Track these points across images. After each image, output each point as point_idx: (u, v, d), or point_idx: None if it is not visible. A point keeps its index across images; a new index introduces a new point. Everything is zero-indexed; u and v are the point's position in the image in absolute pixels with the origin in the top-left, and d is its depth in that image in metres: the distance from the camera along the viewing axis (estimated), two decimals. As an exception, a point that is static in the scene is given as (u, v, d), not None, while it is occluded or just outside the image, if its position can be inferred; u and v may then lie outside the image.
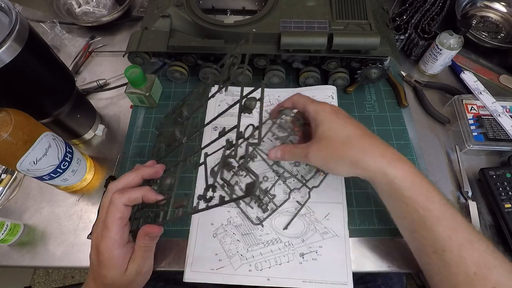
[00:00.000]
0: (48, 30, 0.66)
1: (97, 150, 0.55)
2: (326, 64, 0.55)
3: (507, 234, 0.44)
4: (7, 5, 0.38)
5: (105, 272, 0.35)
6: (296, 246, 0.45)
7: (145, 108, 0.57)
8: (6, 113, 0.37)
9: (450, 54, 0.55)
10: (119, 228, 0.35)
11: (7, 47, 0.36)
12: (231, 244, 0.45)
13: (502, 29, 0.66)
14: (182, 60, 0.56)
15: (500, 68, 0.62)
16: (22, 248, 0.47)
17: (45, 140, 0.41)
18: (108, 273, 0.35)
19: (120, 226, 0.35)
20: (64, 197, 0.50)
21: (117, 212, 0.35)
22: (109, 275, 0.35)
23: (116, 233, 0.35)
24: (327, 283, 0.42)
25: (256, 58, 0.54)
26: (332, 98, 0.56)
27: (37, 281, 1.22)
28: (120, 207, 0.35)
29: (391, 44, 0.52)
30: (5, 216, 0.47)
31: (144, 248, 0.37)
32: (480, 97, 0.54)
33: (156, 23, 0.52)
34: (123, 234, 0.36)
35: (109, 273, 0.35)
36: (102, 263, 0.35)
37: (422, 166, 0.51)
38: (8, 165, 0.47)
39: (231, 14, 0.61)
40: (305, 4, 0.52)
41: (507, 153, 0.52)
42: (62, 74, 0.47)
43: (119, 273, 0.35)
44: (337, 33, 0.48)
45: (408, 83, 0.60)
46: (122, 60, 0.59)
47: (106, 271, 0.35)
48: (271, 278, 0.43)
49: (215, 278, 0.43)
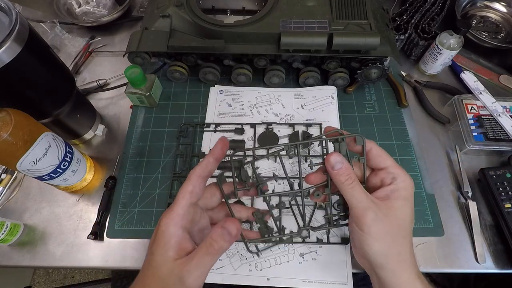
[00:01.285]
0: (48, 30, 0.66)
1: (97, 150, 0.55)
2: (326, 64, 0.55)
3: (507, 234, 0.44)
4: (7, 5, 0.38)
5: (154, 248, 0.30)
6: (296, 246, 0.45)
7: (145, 108, 0.57)
8: (6, 113, 0.37)
9: (450, 54, 0.55)
10: (186, 202, 0.31)
11: (7, 47, 0.36)
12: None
13: (502, 29, 0.66)
14: (182, 60, 0.56)
15: (500, 68, 0.62)
16: (22, 248, 0.47)
17: (45, 140, 0.41)
18: (155, 250, 0.30)
19: (188, 201, 0.31)
20: (64, 197, 0.50)
21: (189, 185, 0.32)
22: (156, 253, 0.30)
23: (181, 208, 0.31)
24: (327, 283, 0.42)
25: (256, 58, 0.54)
26: (332, 98, 0.56)
27: (37, 281, 1.22)
28: (193, 179, 0.32)
29: (391, 44, 0.52)
30: (5, 216, 0.47)
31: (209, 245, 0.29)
32: (480, 97, 0.54)
33: (156, 23, 0.52)
34: (190, 212, 0.31)
35: (156, 250, 0.30)
36: (155, 238, 0.30)
37: (422, 166, 0.51)
38: (8, 165, 0.47)
39: (231, 14, 0.61)
40: (305, 4, 0.52)
41: (507, 153, 0.52)
42: (62, 74, 0.47)
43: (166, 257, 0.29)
44: (337, 33, 0.48)
45: (408, 83, 0.60)
46: (122, 60, 0.59)
47: (155, 248, 0.30)
48: (271, 278, 0.43)
49: (215, 278, 0.43)
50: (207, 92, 0.59)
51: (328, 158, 0.33)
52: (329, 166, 0.33)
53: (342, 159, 0.33)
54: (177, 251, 0.30)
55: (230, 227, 0.30)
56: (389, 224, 0.32)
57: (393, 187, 0.33)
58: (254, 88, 0.59)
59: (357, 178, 0.33)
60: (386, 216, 0.32)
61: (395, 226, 0.32)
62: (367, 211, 0.32)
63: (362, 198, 0.32)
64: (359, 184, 0.33)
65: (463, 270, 0.45)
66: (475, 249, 0.45)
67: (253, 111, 0.56)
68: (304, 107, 0.56)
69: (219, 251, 0.30)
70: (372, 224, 0.31)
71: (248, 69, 0.56)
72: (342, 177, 0.32)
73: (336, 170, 0.33)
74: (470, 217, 0.46)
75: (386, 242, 0.32)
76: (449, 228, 0.46)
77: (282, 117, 0.55)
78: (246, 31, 0.50)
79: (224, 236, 0.30)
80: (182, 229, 0.31)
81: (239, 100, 0.57)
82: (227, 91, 0.58)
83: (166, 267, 0.29)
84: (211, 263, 0.30)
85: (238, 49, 0.51)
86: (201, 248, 0.30)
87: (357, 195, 0.32)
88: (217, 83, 0.59)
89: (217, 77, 0.58)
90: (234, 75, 0.57)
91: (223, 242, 0.30)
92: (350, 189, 0.32)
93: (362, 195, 0.32)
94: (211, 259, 0.30)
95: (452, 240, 0.46)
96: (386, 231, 0.32)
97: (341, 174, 0.33)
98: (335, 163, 0.33)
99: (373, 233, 0.32)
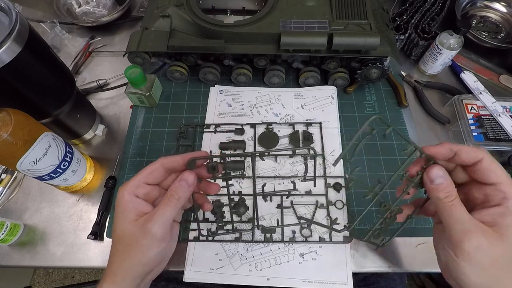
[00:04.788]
0: (48, 30, 0.66)
1: (97, 150, 0.55)
2: (326, 64, 0.55)
3: (507, 234, 0.44)
4: (7, 5, 0.38)
5: (115, 217, 0.33)
6: (296, 246, 0.45)
7: (145, 108, 0.57)
8: (6, 113, 0.37)
9: (450, 54, 0.55)
10: (141, 178, 0.33)
11: (7, 47, 0.36)
12: (231, 243, 0.45)
13: (502, 29, 0.66)
14: (182, 60, 0.56)
15: (500, 68, 0.62)
16: (22, 248, 0.47)
17: (45, 140, 0.41)
18: (116, 217, 0.33)
19: (143, 178, 0.33)
20: (64, 197, 0.50)
21: (150, 168, 0.34)
22: (117, 219, 0.33)
23: (135, 181, 0.33)
24: (327, 283, 0.42)
25: (256, 58, 0.54)
26: (332, 98, 0.56)
27: (37, 281, 1.22)
28: (155, 164, 0.34)
29: (391, 44, 0.52)
30: (5, 216, 0.47)
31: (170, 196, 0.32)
32: (480, 97, 0.54)
33: (156, 23, 0.52)
34: (144, 187, 0.34)
35: (117, 217, 0.33)
36: (116, 209, 0.33)
37: (422, 166, 0.51)
38: (8, 165, 0.47)
39: (231, 14, 0.61)
40: (305, 4, 0.52)
41: (507, 153, 0.51)
42: (62, 74, 0.47)
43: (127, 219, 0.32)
44: (337, 33, 0.48)
45: (408, 83, 0.60)
46: (122, 60, 0.59)
47: (116, 216, 0.33)
48: (271, 278, 0.43)
49: (215, 278, 0.43)
50: (207, 92, 0.58)
51: (429, 170, 0.30)
52: (428, 180, 0.30)
53: (444, 173, 0.30)
54: (136, 213, 0.33)
55: (187, 177, 0.33)
56: (496, 254, 0.27)
57: (502, 210, 0.28)
58: (254, 88, 0.59)
59: (458, 196, 0.29)
60: (491, 245, 0.27)
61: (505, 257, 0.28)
62: (469, 236, 0.27)
63: (464, 220, 0.28)
64: (461, 204, 0.29)
65: (463, 270, 0.44)
66: (475, 249, 0.45)
67: (253, 111, 0.56)
68: (304, 107, 0.56)
69: (179, 201, 0.33)
70: (473, 252, 0.27)
71: (248, 69, 0.56)
72: (442, 193, 0.29)
73: (435, 185, 0.30)
74: (470, 217, 0.46)
75: (490, 275, 0.28)
76: (449, 228, 0.46)
77: (282, 117, 0.55)
78: (246, 31, 0.50)
79: (183, 186, 0.33)
80: (136, 197, 0.33)
81: (239, 100, 0.57)
82: (227, 91, 0.58)
83: (130, 226, 0.32)
84: (172, 213, 0.33)
85: (238, 49, 0.51)
86: (162, 202, 0.33)
87: (456, 215, 0.28)
88: (217, 83, 0.59)
89: (217, 77, 0.58)
90: (234, 75, 0.57)
91: (182, 191, 0.33)
92: (449, 207, 0.29)
93: (464, 217, 0.28)
94: (172, 209, 0.33)
95: (452, 240, 0.46)
96: (491, 262, 0.27)
97: (441, 190, 0.29)
98: (436, 178, 0.30)
99: (474, 262, 0.28)
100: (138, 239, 0.32)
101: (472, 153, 0.30)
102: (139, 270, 0.33)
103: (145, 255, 0.32)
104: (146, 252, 0.32)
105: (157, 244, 0.33)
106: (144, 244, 0.32)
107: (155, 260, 0.34)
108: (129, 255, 0.33)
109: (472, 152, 0.30)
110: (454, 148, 0.30)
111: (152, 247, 0.32)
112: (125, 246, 0.33)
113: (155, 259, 0.33)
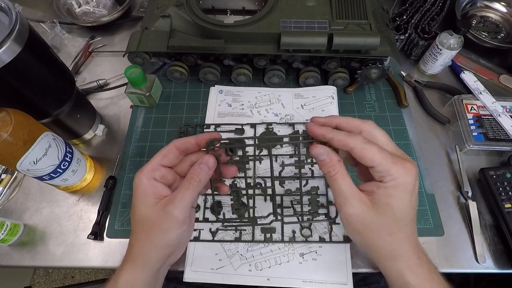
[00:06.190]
0: (48, 30, 0.66)
1: (97, 150, 0.55)
2: (326, 64, 0.55)
3: (507, 234, 0.44)
4: (7, 5, 0.38)
5: (134, 202, 0.33)
6: (296, 246, 0.45)
7: (145, 108, 0.57)
8: (6, 113, 0.37)
9: (450, 54, 0.55)
10: (157, 161, 0.34)
11: (7, 47, 0.36)
12: (231, 243, 0.45)
13: (502, 29, 0.66)
14: (182, 60, 0.56)
15: (500, 68, 0.62)
16: (22, 248, 0.47)
17: (45, 140, 0.41)
18: (136, 202, 0.33)
19: (159, 161, 0.34)
20: (64, 197, 0.50)
21: (164, 150, 0.34)
22: (137, 204, 0.33)
23: (151, 165, 0.33)
24: (327, 283, 0.42)
25: (256, 58, 0.54)
26: (332, 98, 0.56)
27: (37, 281, 1.22)
28: (169, 146, 0.34)
29: (391, 44, 0.52)
30: (5, 216, 0.47)
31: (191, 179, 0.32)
32: (480, 97, 0.54)
33: (156, 23, 0.52)
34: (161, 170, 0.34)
35: (136, 202, 0.33)
36: (134, 194, 0.33)
37: (422, 166, 0.51)
38: (8, 165, 0.47)
39: (231, 14, 0.61)
40: (305, 4, 0.52)
41: (507, 153, 0.52)
42: (62, 74, 0.47)
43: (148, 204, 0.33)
44: (337, 33, 0.48)
45: (408, 83, 0.60)
46: (122, 60, 0.59)
47: (135, 201, 0.33)
48: (271, 278, 0.43)
49: (215, 278, 0.43)
50: (207, 92, 0.58)
51: (310, 149, 0.33)
52: (313, 157, 0.33)
53: (325, 150, 0.32)
54: (156, 197, 0.33)
55: (207, 160, 0.33)
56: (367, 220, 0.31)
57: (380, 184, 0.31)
58: (254, 88, 0.59)
59: (343, 169, 0.32)
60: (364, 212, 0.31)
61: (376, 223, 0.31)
62: (345, 205, 0.31)
63: (342, 191, 0.31)
64: (344, 176, 0.32)
65: (463, 270, 0.45)
66: (475, 249, 0.45)
67: (253, 111, 0.56)
68: (304, 107, 0.56)
69: (200, 183, 0.33)
70: (348, 218, 0.32)
71: (248, 69, 0.56)
72: (324, 168, 0.32)
73: (320, 161, 0.33)
74: (470, 217, 0.46)
75: (363, 237, 0.33)
76: (449, 228, 0.46)
77: (282, 117, 0.55)
78: (246, 31, 0.50)
79: (203, 169, 0.33)
80: (154, 180, 0.33)
81: (239, 100, 0.57)
82: (227, 91, 0.58)
83: (150, 210, 0.32)
84: (192, 196, 0.33)
85: (238, 49, 0.51)
86: (183, 185, 0.33)
87: (337, 186, 0.32)
88: (217, 83, 0.59)
89: (217, 77, 0.58)
90: (234, 75, 0.57)
91: (203, 174, 0.33)
92: (333, 180, 0.32)
93: (343, 188, 0.31)
94: (192, 192, 0.32)
95: (452, 240, 0.46)
96: (364, 227, 0.32)
97: (324, 165, 0.32)
98: (317, 155, 0.32)
99: (350, 226, 0.33)
100: (159, 222, 0.32)
101: (343, 141, 0.31)
102: (160, 253, 0.34)
103: (166, 237, 0.33)
104: (167, 234, 0.33)
105: (178, 226, 0.33)
106: (165, 227, 0.32)
107: (175, 243, 0.34)
108: (149, 238, 0.33)
109: (343, 140, 0.31)
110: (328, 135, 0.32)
111: (173, 229, 0.33)
112: (146, 229, 0.33)
113: (176, 242, 0.34)
